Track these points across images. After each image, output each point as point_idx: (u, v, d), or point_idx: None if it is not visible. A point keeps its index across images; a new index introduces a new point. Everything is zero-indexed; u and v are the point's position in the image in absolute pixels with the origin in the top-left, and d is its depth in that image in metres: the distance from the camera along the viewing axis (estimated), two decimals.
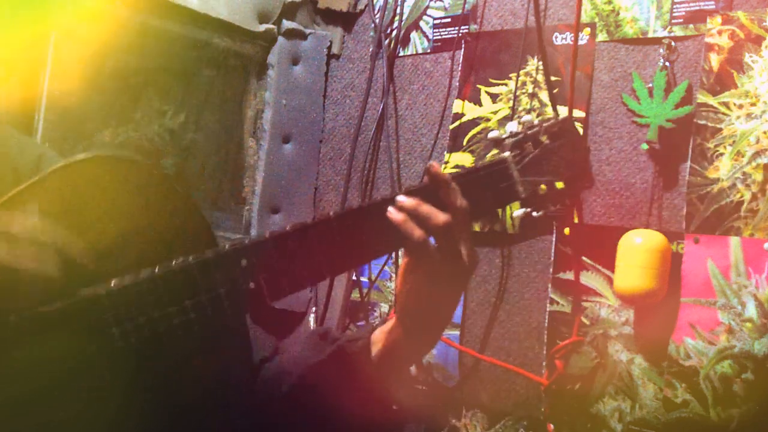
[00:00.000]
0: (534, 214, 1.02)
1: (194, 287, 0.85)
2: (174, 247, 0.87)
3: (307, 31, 2.05)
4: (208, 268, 0.86)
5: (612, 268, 1.49)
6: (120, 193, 0.86)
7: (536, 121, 1.05)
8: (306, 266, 0.89)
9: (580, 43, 1.63)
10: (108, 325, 0.83)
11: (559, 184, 1.03)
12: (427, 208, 0.91)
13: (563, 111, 1.63)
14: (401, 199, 0.92)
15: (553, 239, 1.62)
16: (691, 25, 1.49)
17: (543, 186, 1.01)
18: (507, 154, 1.01)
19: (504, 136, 1.03)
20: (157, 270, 0.85)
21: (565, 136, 1.05)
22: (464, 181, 0.96)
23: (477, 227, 1.73)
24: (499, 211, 1.69)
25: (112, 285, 0.84)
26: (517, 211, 1.03)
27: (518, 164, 1.01)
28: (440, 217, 0.91)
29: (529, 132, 1.03)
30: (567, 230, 1.61)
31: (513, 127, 1.04)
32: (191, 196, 0.90)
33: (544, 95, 1.67)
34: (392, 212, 0.91)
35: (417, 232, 0.90)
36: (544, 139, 1.03)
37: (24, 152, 0.99)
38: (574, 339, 1.56)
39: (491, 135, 1.04)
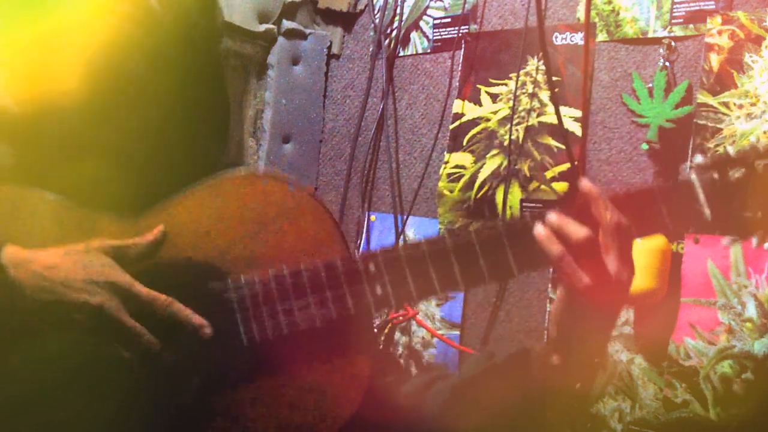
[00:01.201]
0: (753, 244, 0.93)
1: (319, 286, 0.90)
2: (308, 259, 0.92)
3: (307, 31, 2.05)
4: (335, 270, 0.90)
5: None
6: (266, 206, 0.93)
7: (750, 145, 0.94)
8: (439, 274, 0.89)
9: (580, 43, 1.63)
10: (232, 312, 0.89)
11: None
12: (570, 225, 0.87)
13: (567, 111, 1.63)
14: (551, 216, 0.88)
15: None
16: (691, 25, 1.49)
17: (748, 213, 0.91)
18: (693, 176, 0.92)
19: (708, 162, 0.93)
20: (285, 270, 0.90)
21: None
22: (630, 200, 0.90)
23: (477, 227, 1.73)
24: (499, 210, 1.69)
25: (242, 279, 0.90)
26: (724, 240, 0.94)
27: (708, 186, 0.91)
28: (580, 233, 0.86)
29: (734, 155, 0.92)
30: None
31: (729, 150, 0.95)
32: (332, 216, 0.95)
33: (544, 95, 1.67)
34: (538, 229, 0.88)
35: (555, 247, 0.87)
36: (758, 165, 0.92)
37: None
38: None
39: (697, 161, 0.94)
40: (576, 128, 1.61)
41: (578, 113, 1.61)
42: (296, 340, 0.90)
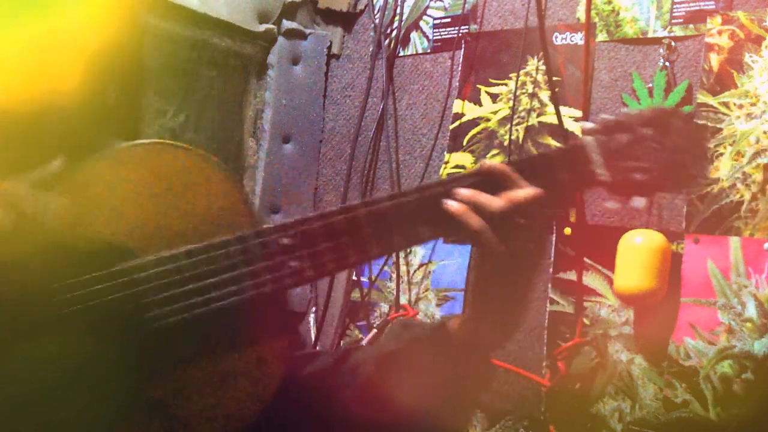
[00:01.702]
0: (636, 204, 0.97)
1: (233, 263, 0.86)
2: (222, 230, 0.88)
3: (307, 31, 2.05)
4: (249, 244, 0.86)
5: (612, 268, 1.49)
6: (171, 178, 0.88)
7: (634, 111, 0.99)
8: (352, 247, 0.88)
9: (580, 43, 1.63)
10: (142, 296, 0.85)
11: (655, 173, 0.96)
12: (484, 197, 0.89)
13: (567, 111, 1.63)
14: (460, 190, 0.90)
15: (553, 239, 1.62)
16: (691, 25, 1.49)
17: (638, 174, 0.95)
18: (588, 138, 0.96)
19: (597, 126, 0.98)
20: (195, 247, 0.86)
21: (669, 126, 0.98)
22: (529, 165, 0.93)
23: None
24: None
25: (148, 258, 0.85)
26: (609, 202, 0.98)
27: (601, 147, 0.95)
28: (497, 203, 0.88)
29: (623, 119, 0.97)
30: (567, 230, 1.61)
31: (611, 117, 0.99)
32: (242, 187, 0.91)
33: (544, 95, 1.67)
34: (450, 204, 0.90)
35: (476, 222, 0.88)
36: (644, 129, 0.97)
37: None
38: (577, 341, 1.56)
39: (585, 125, 0.98)
40: (576, 128, 1.61)
41: (578, 113, 1.61)
42: (213, 319, 0.86)
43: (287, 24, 2.02)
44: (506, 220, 0.89)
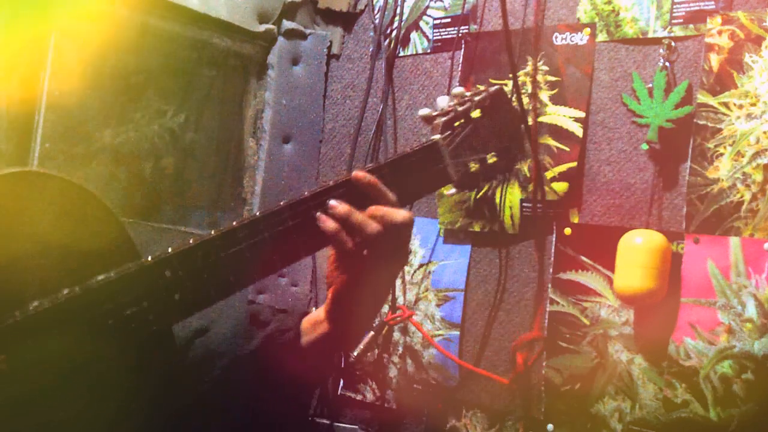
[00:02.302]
0: (466, 190, 1.02)
1: (116, 303, 0.82)
2: (92, 260, 0.84)
3: (307, 31, 2.05)
4: (131, 282, 0.83)
5: (612, 268, 1.49)
6: (32, 208, 0.83)
7: (467, 95, 1.02)
8: (234, 272, 0.88)
9: (580, 43, 1.63)
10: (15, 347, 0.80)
11: (491, 159, 1.01)
12: (359, 218, 0.91)
13: (567, 111, 1.63)
14: (333, 203, 0.91)
15: (553, 239, 1.62)
16: (691, 25, 1.49)
17: (473, 164, 0.99)
18: (437, 136, 0.99)
19: (434, 113, 1.01)
20: (77, 289, 0.81)
21: (496, 109, 1.01)
22: (394, 168, 0.95)
23: (477, 227, 1.73)
24: (499, 210, 1.69)
25: (30, 309, 0.80)
26: (449, 191, 1.02)
27: (449, 145, 0.98)
28: (372, 227, 0.90)
29: (459, 109, 1.00)
30: (567, 230, 1.61)
31: (443, 102, 1.01)
32: (109, 209, 0.87)
33: (544, 95, 1.67)
34: (323, 220, 0.90)
35: (349, 243, 0.90)
36: (475, 114, 1.00)
37: None
38: (536, 334, 1.58)
39: (421, 113, 1.02)
40: (576, 128, 1.61)
41: (578, 113, 1.61)
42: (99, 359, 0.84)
43: (287, 24, 2.02)
44: (381, 243, 0.91)
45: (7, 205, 0.81)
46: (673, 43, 1.51)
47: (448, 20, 1.87)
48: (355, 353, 1.84)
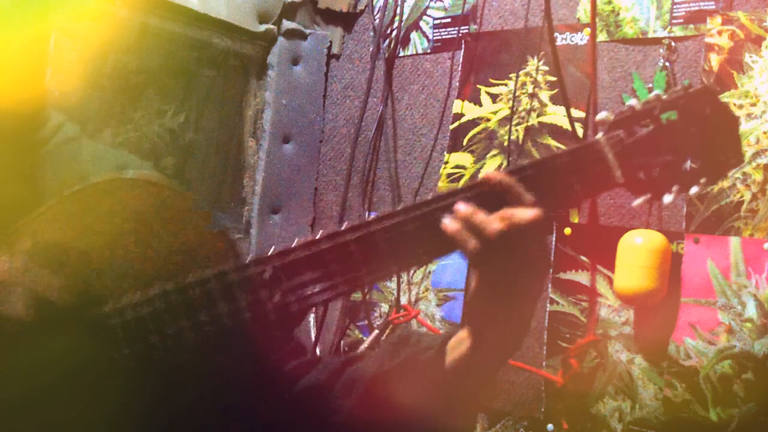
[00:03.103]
0: (665, 201, 0.88)
1: (211, 302, 0.82)
2: (193, 265, 0.84)
3: (307, 31, 2.05)
4: (227, 280, 0.82)
5: (612, 268, 1.49)
6: (137, 214, 0.84)
7: (653, 95, 0.89)
8: (341, 275, 0.83)
9: (580, 43, 1.63)
10: (118, 344, 0.81)
11: (689, 164, 0.86)
12: (480, 218, 0.83)
13: (564, 110, 1.63)
14: (459, 207, 0.84)
15: (553, 239, 1.62)
16: (691, 25, 1.49)
17: (656, 169, 0.86)
18: (600, 135, 0.87)
19: (612, 118, 0.88)
20: (169, 286, 0.82)
21: (694, 110, 0.87)
22: (537, 171, 0.85)
23: None
24: None
25: (122, 303, 0.82)
26: (637, 201, 0.88)
27: (617, 146, 0.86)
28: (494, 226, 0.82)
29: (639, 108, 0.87)
30: (567, 230, 1.61)
31: (633, 103, 0.88)
32: (210, 213, 0.88)
33: (544, 95, 1.67)
34: (448, 222, 0.84)
35: (471, 243, 0.83)
36: (663, 115, 0.87)
37: (99, 163, 0.97)
38: (591, 338, 1.55)
39: (599, 117, 0.88)
40: (576, 128, 1.61)
41: (578, 113, 1.61)
42: (192, 361, 0.83)
43: (287, 24, 2.02)
44: (503, 241, 0.83)
45: (116, 211, 0.83)
46: (673, 43, 1.51)
47: (448, 20, 1.87)
48: (358, 353, 1.84)
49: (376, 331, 1.82)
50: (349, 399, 0.97)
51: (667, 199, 0.87)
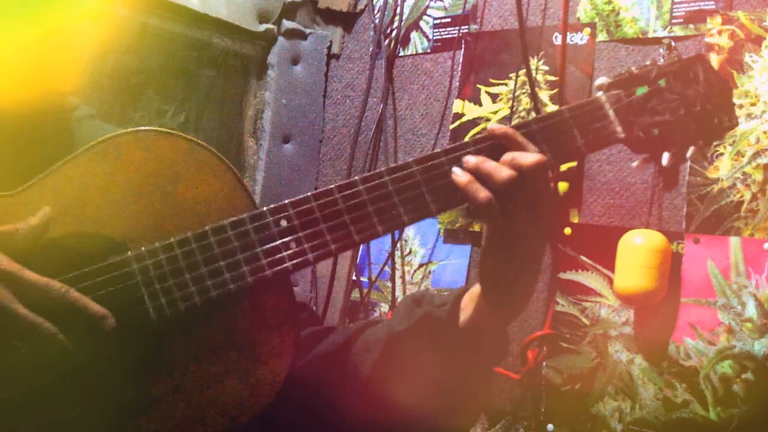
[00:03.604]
0: (663, 161, 0.90)
1: (229, 249, 0.84)
2: (211, 214, 0.86)
3: (307, 31, 2.05)
4: (244, 229, 0.84)
5: (612, 268, 1.49)
6: (159, 166, 0.86)
7: (650, 61, 0.93)
8: (357, 224, 0.85)
9: (580, 43, 1.63)
10: (137, 288, 0.83)
11: (682, 122, 0.90)
12: (490, 165, 0.85)
13: None
14: (468, 158, 0.86)
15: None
16: (691, 25, 1.49)
17: (654, 128, 0.89)
18: (600, 93, 0.90)
19: (611, 80, 0.92)
20: (189, 235, 0.84)
21: (689, 75, 0.92)
22: (542, 126, 0.88)
23: (477, 227, 1.73)
24: None
25: (143, 250, 0.84)
26: (635, 161, 0.93)
27: (616, 103, 0.90)
28: (504, 173, 0.84)
29: (637, 72, 0.92)
30: (567, 230, 1.61)
31: (630, 67, 0.93)
32: (230, 166, 0.89)
33: (544, 95, 1.67)
34: (457, 174, 0.86)
35: (482, 194, 0.84)
36: (660, 81, 0.92)
37: None
38: (546, 331, 1.57)
39: (598, 81, 0.92)
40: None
41: None
42: (212, 311, 0.84)
43: (287, 24, 2.02)
44: (514, 191, 0.84)
45: (139, 164, 0.85)
46: (673, 43, 1.50)
47: (448, 20, 1.87)
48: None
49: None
50: (365, 363, 0.97)
51: (665, 158, 0.90)
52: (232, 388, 0.85)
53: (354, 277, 1.93)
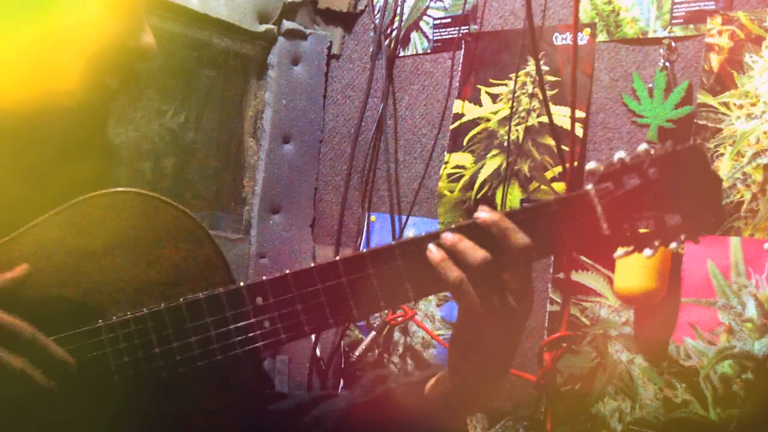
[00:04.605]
0: (645, 255, 0.89)
1: (202, 324, 0.83)
2: (185, 284, 0.85)
3: (307, 31, 2.05)
4: (219, 304, 0.83)
5: (612, 268, 1.49)
6: (136, 231, 0.84)
7: (643, 149, 0.90)
8: (330, 307, 0.84)
9: (581, 43, 1.63)
10: (106, 359, 0.82)
11: (672, 220, 0.88)
12: (466, 245, 0.83)
13: (567, 111, 1.63)
14: (446, 235, 0.84)
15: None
16: (691, 25, 1.49)
17: (643, 225, 0.88)
18: (590, 186, 0.88)
19: (602, 170, 0.89)
20: (162, 307, 0.82)
21: (681, 168, 0.89)
22: (530, 216, 0.86)
23: None
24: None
25: (114, 319, 0.83)
26: (617, 252, 0.91)
27: (605, 198, 0.87)
28: (478, 254, 0.82)
29: (629, 162, 0.89)
30: None
31: (622, 156, 0.90)
32: (209, 234, 0.87)
33: None
34: (431, 251, 0.84)
35: (453, 273, 0.82)
36: (651, 171, 0.88)
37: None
38: (563, 333, 1.57)
39: (589, 167, 0.90)
40: (576, 128, 1.61)
41: (579, 113, 1.61)
42: (178, 383, 0.83)
43: (287, 24, 2.02)
44: (487, 273, 0.82)
45: (112, 228, 0.84)
46: (673, 43, 1.51)
47: (448, 20, 1.87)
48: (357, 353, 1.84)
49: (374, 333, 1.82)
50: None
51: (647, 252, 0.89)
52: None
53: None
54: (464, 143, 1.79)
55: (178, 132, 1.83)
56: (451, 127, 1.82)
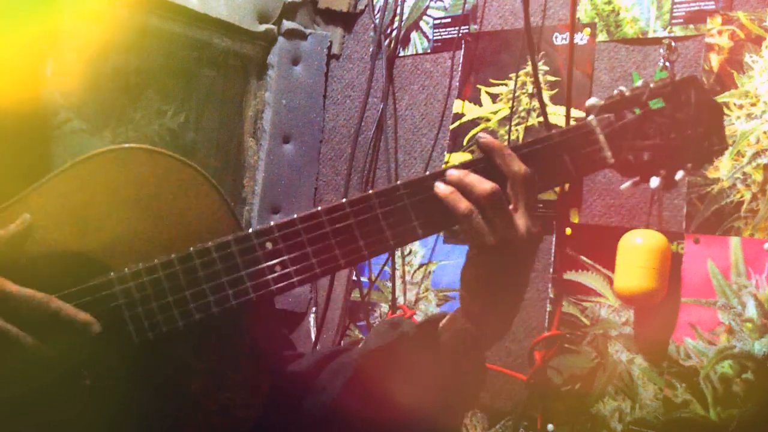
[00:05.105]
0: (652, 185, 0.90)
1: (213, 272, 0.83)
2: (194, 234, 0.85)
3: (307, 31, 2.05)
4: (229, 251, 0.83)
5: (612, 268, 1.49)
6: (142, 185, 0.84)
7: (642, 82, 0.91)
8: (342, 248, 0.84)
9: (581, 43, 1.63)
10: (119, 311, 0.82)
11: (672, 147, 0.89)
12: (472, 178, 0.84)
13: (564, 110, 1.63)
14: (451, 171, 0.85)
15: (553, 239, 1.62)
16: (691, 25, 1.49)
17: (645, 153, 0.89)
18: (591, 117, 0.90)
19: (603, 103, 0.91)
20: (172, 257, 0.83)
21: (680, 97, 0.90)
22: (531, 149, 0.87)
23: None
24: None
25: (125, 271, 0.83)
26: (625, 184, 0.92)
27: (607, 127, 0.89)
28: (485, 185, 0.83)
29: (629, 94, 0.90)
30: (568, 230, 1.61)
31: (622, 89, 0.92)
32: (215, 184, 0.88)
33: (544, 95, 1.67)
34: (439, 186, 0.85)
35: (462, 205, 0.83)
36: (653, 103, 0.90)
37: None
38: (553, 332, 1.57)
39: (589, 102, 0.91)
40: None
41: (579, 113, 1.61)
42: (194, 332, 0.83)
43: (287, 24, 2.02)
44: (496, 204, 0.83)
45: (120, 181, 0.83)
46: (673, 43, 1.50)
47: (448, 20, 1.87)
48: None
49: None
50: (335, 384, 0.96)
51: (654, 182, 0.90)
52: (207, 415, 0.85)
53: (354, 277, 1.93)
54: (464, 143, 1.79)
55: (178, 132, 1.83)
56: (451, 127, 1.82)
